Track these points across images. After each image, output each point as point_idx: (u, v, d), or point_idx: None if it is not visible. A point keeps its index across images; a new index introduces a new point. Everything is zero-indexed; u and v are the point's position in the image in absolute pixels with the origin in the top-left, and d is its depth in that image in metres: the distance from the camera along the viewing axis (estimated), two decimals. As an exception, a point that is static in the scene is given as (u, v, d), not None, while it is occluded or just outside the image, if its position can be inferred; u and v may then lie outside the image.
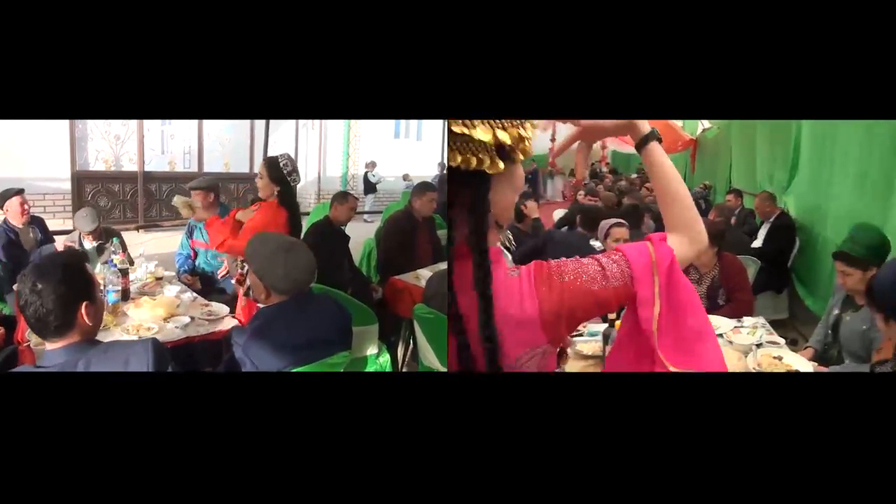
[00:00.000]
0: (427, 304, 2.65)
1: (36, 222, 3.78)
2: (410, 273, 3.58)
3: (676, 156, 11.61)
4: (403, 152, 11.08)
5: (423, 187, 3.99)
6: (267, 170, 2.66)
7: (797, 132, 4.72)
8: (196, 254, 3.66)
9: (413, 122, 11.44)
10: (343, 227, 4.01)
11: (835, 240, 3.81)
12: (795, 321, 4.34)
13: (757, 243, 4.67)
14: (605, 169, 11.91)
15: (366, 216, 9.66)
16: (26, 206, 3.60)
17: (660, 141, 1.04)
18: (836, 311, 2.44)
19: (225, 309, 2.67)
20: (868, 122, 3.27)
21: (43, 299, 1.27)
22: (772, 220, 4.66)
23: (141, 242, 6.51)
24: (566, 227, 5.32)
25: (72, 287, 1.30)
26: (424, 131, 11.84)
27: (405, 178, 10.80)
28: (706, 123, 8.47)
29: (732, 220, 5.20)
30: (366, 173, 10.21)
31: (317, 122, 9.43)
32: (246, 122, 8.29)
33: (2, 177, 5.74)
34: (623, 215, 4.20)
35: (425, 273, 3.49)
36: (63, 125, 6.54)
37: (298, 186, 8.32)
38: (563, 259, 0.98)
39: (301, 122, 9.38)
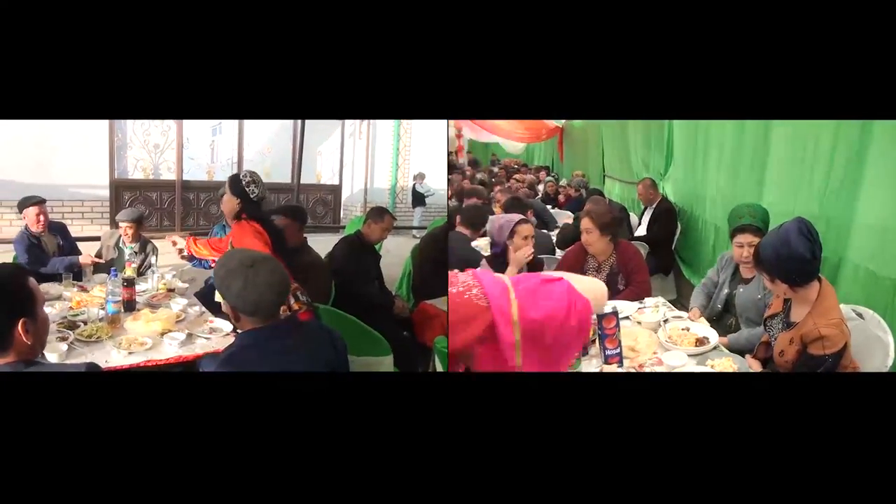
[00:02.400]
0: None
1: (57, 229, 3.91)
2: (443, 298, 3.44)
3: (541, 145, 11.55)
4: (457, 164, 11.00)
5: (464, 202, 3.86)
6: (229, 185, 2.86)
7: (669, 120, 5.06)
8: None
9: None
10: (376, 246, 3.91)
11: (714, 221, 4.29)
12: (683, 299, 4.69)
13: (641, 229, 5.13)
14: (462, 160, 11.34)
15: (414, 231, 9.60)
16: (41, 217, 3.71)
17: None
18: (725, 291, 2.89)
19: (228, 326, 2.60)
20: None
21: None
22: (654, 206, 5.06)
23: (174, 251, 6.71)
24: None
25: (6, 302, 1.27)
26: (480, 142, 11.71)
27: (458, 191, 10.69)
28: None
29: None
30: (414, 185, 10.15)
31: (364, 130, 9.50)
32: (288, 133, 8.44)
33: (43, 183, 6.01)
34: (508, 210, 4.29)
35: (458, 297, 3.33)
36: (103, 134, 6.84)
37: (344, 198, 8.35)
38: (459, 273, 1.09)
39: (347, 131, 9.48)
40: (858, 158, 2.60)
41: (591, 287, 1.19)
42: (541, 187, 8.86)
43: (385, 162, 9.79)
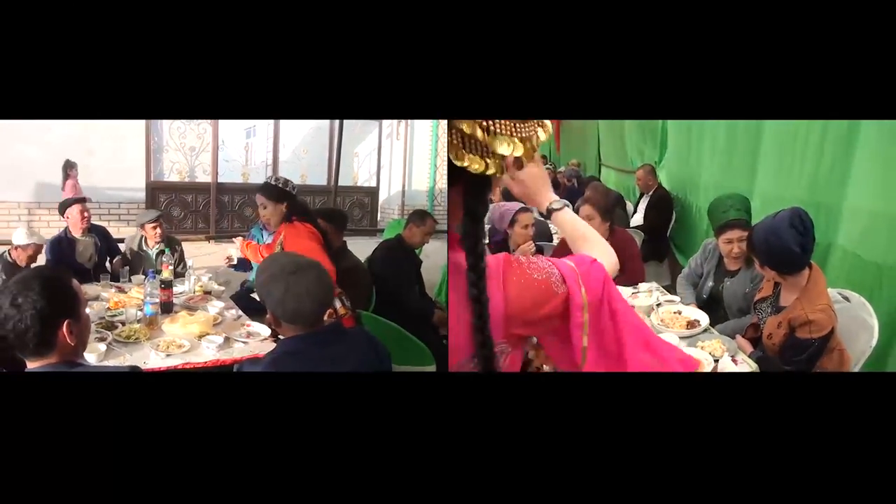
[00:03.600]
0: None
1: (97, 231, 3.98)
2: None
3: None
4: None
5: (508, 206, 3.84)
6: (266, 196, 2.88)
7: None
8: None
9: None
10: (417, 250, 3.91)
11: (707, 208, 4.30)
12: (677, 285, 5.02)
13: (637, 217, 5.37)
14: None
15: (452, 235, 9.58)
16: (86, 215, 3.79)
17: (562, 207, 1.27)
18: (710, 283, 2.97)
19: (265, 330, 2.63)
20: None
21: (22, 314, 1.27)
22: (650, 193, 5.28)
23: (209, 253, 6.84)
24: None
25: (52, 303, 1.29)
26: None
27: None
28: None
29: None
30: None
31: (401, 132, 9.55)
32: (324, 135, 8.54)
33: (81, 185, 6.20)
34: (505, 198, 4.38)
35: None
36: (140, 137, 7.02)
37: (381, 200, 8.42)
38: (534, 257, 1.10)
39: (385, 132, 9.54)
40: (847, 147, 2.72)
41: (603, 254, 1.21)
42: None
43: (423, 163, 9.83)
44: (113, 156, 6.83)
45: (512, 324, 1.04)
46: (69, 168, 6.33)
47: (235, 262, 3.70)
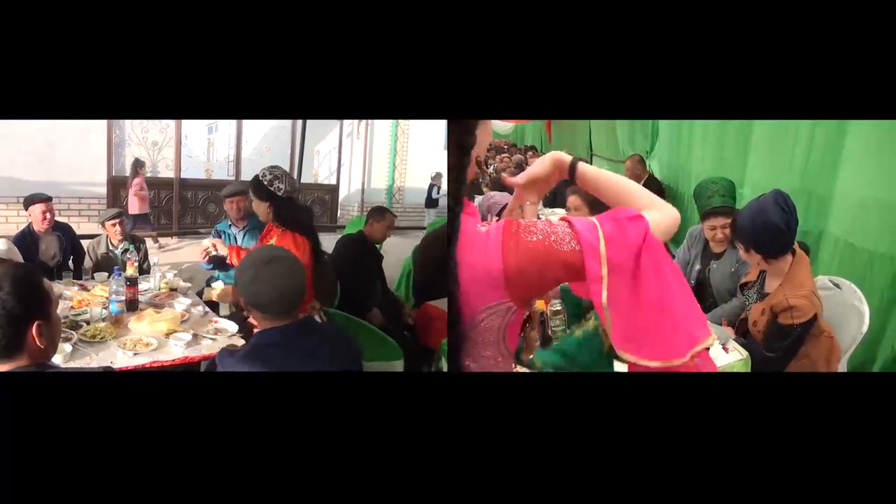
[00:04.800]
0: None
1: (61, 229, 3.81)
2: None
3: (531, 125, 12.15)
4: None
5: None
6: (253, 191, 2.57)
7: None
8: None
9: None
10: (378, 245, 3.88)
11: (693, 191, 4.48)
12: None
13: None
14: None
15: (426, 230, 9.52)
16: (48, 215, 3.62)
17: (581, 160, 1.18)
18: (697, 267, 2.93)
19: (234, 327, 2.57)
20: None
21: None
22: (641, 183, 4.95)
23: (173, 250, 6.65)
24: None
25: (23, 302, 1.21)
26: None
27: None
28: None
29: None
30: (431, 186, 9.98)
31: (362, 131, 9.46)
32: (287, 132, 8.39)
33: (40, 180, 5.92)
34: (494, 188, 4.43)
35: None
36: (101, 131, 6.75)
37: (341, 197, 8.27)
38: (534, 220, 1.08)
39: (345, 131, 9.43)
40: (837, 136, 2.69)
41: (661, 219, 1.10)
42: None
43: (382, 162, 9.76)
44: (74, 150, 6.55)
45: (515, 288, 1.03)
46: (139, 167, 6.36)
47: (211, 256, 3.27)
